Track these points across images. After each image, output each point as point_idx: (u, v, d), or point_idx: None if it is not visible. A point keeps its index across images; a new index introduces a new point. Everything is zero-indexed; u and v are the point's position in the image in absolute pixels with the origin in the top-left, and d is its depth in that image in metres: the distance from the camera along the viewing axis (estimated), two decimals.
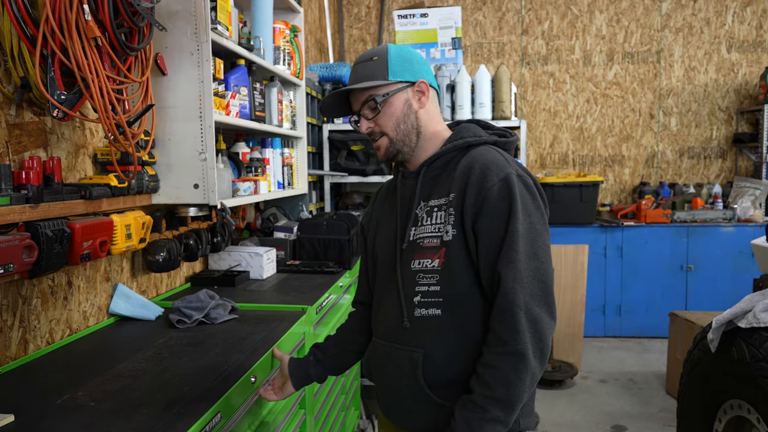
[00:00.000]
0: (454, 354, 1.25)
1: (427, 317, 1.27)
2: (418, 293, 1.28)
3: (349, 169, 3.57)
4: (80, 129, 1.77)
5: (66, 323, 1.71)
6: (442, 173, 1.32)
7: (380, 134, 1.34)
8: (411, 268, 1.29)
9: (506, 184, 1.22)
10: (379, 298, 1.41)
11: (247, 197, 2.36)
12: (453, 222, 1.24)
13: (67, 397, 1.30)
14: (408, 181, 1.38)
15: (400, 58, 1.34)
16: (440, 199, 1.29)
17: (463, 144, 1.32)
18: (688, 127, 5.44)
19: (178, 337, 1.75)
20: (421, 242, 1.29)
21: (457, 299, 1.25)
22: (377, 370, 1.38)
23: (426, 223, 1.29)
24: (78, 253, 1.58)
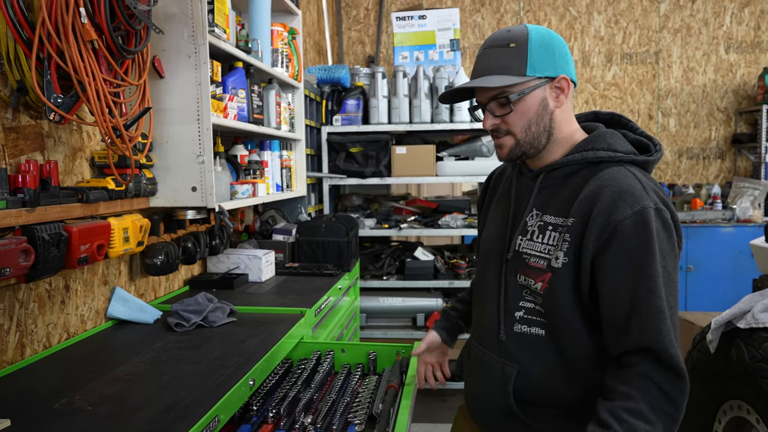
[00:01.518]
0: (549, 378, 1.19)
1: (527, 335, 1.20)
2: (522, 308, 1.21)
3: (347, 171, 3.57)
4: (77, 132, 1.77)
5: (63, 327, 1.71)
6: (564, 184, 1.20)
7: (506, 132, 1.21)
8: (517, 282, 1.22)
9: (641, 218, 1.06)
10: (478, 294, 1.37)
11: (245, 200, 2.36)
12: (566, 249, 1.13)
13: (64, 402, 1.29)
14: (524, 181, 1.28)
15: (541, 48, 1.15)
16: (557, 217, 1.17)
17: (593, 158, 1.17)
18: (686, 128, 5.44)
19: (176, 340, 1.74)
20: (528, 259, 1.20)
21: (560, 325, 1.16)
22: (469, 372, 1.37)
23: (536, 239, 1.19)
24: (75, 257, 1.57)
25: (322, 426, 1.45)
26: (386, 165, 3.53)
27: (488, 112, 1.21)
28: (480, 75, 1.19)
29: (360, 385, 1.72)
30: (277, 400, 1.56)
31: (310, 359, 1.82)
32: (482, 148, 3.51)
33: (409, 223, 3.57)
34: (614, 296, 1.08)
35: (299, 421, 1.46)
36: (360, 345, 1.90)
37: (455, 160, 3.59)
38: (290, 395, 1.56)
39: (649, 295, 1.05)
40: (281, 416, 1.48)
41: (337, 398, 1.62)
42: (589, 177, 1.16)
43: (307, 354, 1.90)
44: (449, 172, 3.52)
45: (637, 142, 1.23)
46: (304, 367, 1.77)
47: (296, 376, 1.72)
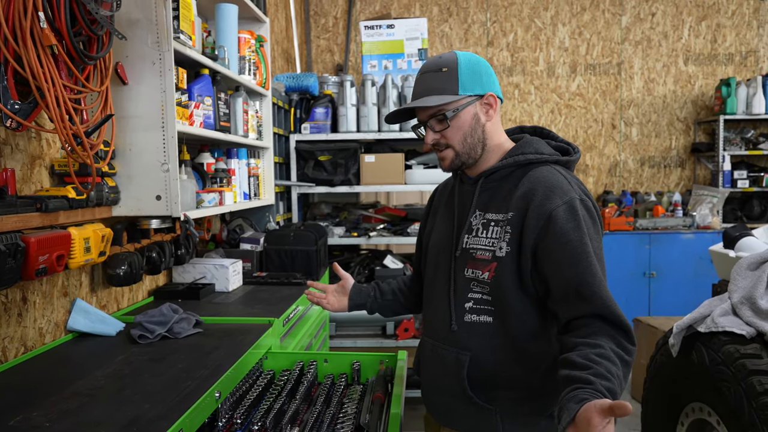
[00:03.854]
0: (499, 359, 1.31)
1: (477, 323, 1.33)
2: (470, 299, 1.34)
3: (316, 180, 3.56)
4: (36, 139, 1.72)
5: (20, 341, 1.65)
6: (500, 186, 1.35)
7: (446, 146, 1.36)
8: (465, 275, 1.35)
9: (570, 207, 1.24)
10: (429, 295, 1.48)
11: (211, 208, 2.32)
12: (508, 240, 1.28)
13: (20, 418, 1.24)
14: (466, 188, 1.43)
15: (469, 71, 1.33)
16: (498, 214, 1.32)
17: (523, 161, 1.34)
18: (648, 137, 5.59)
19: (140, 352, 1.70)
20: (474, 253, 1.33)
21: (506, 309, 1.30)
22: (425, 367, 1.46)
23: (481, 234, 1.34)
24: (33, 268, 1.52)
25: None
26: (355, 173, 3.53)
27: (429, 129, 1.36)
28: (419, 97, 1.35)
29: (345, 395, 1.70)
30: (262, 412, 1.54)
31: (293, 370, 1.79)
32: None
33: (378, 231, 3.57)
34: (558, 274, 1.23)
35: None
36: (343, 355, 1.88)
37: (424, 168, 3.62)
38: (275, 407, 1.54)
39: (589, 269, 1.21)
40: (267, 428, 1.46)
41: (323, 409, 1.60)
42: (522, 177, 1.32)
43: (289, 365, 1.88)
44: (418, 180, 3.53)
45: (559, 147, 1.41)
46: (287, 378, 1.75)
47: (279, 387, 1.70)
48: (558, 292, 1.25)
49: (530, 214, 1.26)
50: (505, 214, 1.31)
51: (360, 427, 1.52)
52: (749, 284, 1.89)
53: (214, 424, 1.51)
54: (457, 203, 1.43)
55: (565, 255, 1.22)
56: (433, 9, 5.53)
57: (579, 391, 1.04)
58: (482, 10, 5.52)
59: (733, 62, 5.47)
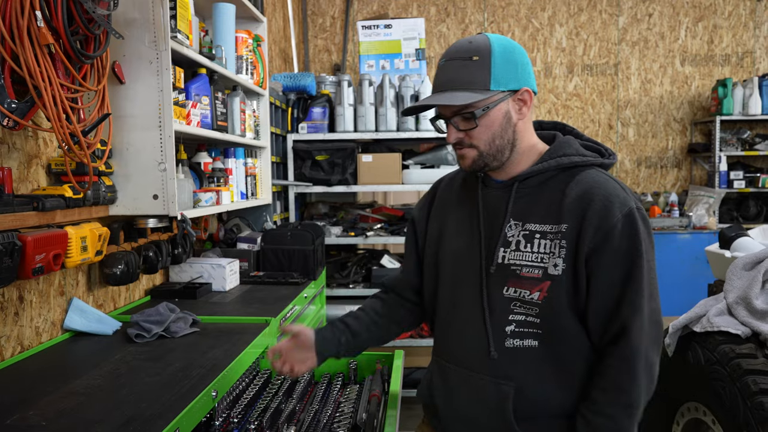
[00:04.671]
0: (548, 389, 1.17)
1: (521, 349, 1.17)
2: (512, 322, 1.17)
3: (313, 179, 3.56)
4: (33, 138, 1.71)
5: (17, 340, 1.65)
6: (540, 192, 1.19)
7: (469, 145, 1.19)
8: (504, 295, 1.18)
9: (630, 221, 1.11)
10: (450, 317, 1.28)
11: (208, 208, 2.32)
12: (564, 256, 1.12)
13: (16, 417, 1.24)
14: (493, 192, 1.24)
15: (504, 61, 1.15)
16: (545, 225, 1.16)
17: (568, 163, 1.18)
18: (645, 138, 5.61)
19: (137, 352, 1.70)
20: (518, 270, 1.16)
21: (557, 334, 1.15)
22: (447, 398, 1.27)
23: (524, 248, 1.16)
24: (30, 267, 1.52)
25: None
26: (352, 173, 3.53)
27: (452, 126, 1.19)
28: (443, 88, 1.17)
29: (342, 394, 1.71)
30: (258, 411, 1.54)
31: None
32: (448, 156, 3.54)
33: (376, 230, 3.57)
34: (604, 293, 1.13)
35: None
36: None
37: (421, 168, 3.62)
38: (272, 406, 1.55)
39: (635, 295, 1.11)
40: (264, 428, 1.46)
41: (320, 408, 1.61)
42: (567, 182, 1.17)
43: None
44: (415, 180, 3.54)
45: (589, 147, 1.26)
46: (284, 377, 1.75)
47: (276, 386, 1.70)
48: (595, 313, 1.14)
49: (587, 226, 1.11)
50: (556, 226, 1.14)
51: (357, 426, 1.52)
52: (744, 284, 1.90)
53: (211, 423, 1.51)
54: (483, 209, 1.24)
55: (615, 276, 1.11)
56: (431, 9, 5.53)
57: None
58: (479, 10, 5.53)
59: (730, 63, 5.49)
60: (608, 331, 1.14)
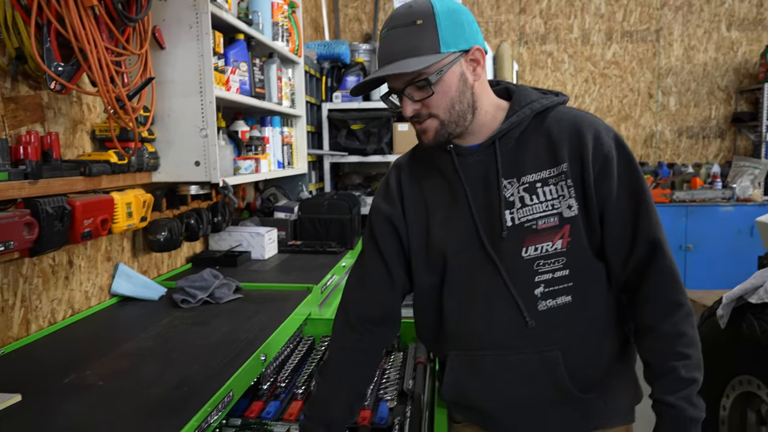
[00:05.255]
0: (593, 339, 1.14)
1: (555, 308, 1.11)
2: (539, 284, 1.11)
3: (348, 149, 3.52)
4: (77, 104, 1.71)
5: (68, 303, 1.67)
6: (523, 143, 1.13)
7: (428, 116, 1.10)
8: (523, 258, 1.11)
9: (619, 143, 1.11)
10: (467, 304, 1.16)
11: (248, 176, 2.31)
12: (575, 194, 1.09)
13: (73, 377, 1.26)
14: (471, 159, 1.15)
15: (449, 21, 1.07)
16: (542, 171, 1.11)
17: (540, 108, 1.13)
18: (686, 107, 5.41)
19: (183, 316, 1.71)
20: (533, 224, 1.10)
21: (587, 279, 1.12)
22: (486, 389, 1.16)
23: (530, 202, 1.11)
24: (79, 231, 1.53)
25: None
26: (388, 142, 3.49)
27: (406, 98, 1.09)
28: (391, 59, 1.07)
29: (385, 362, 1.70)
30: (305, 377, 1.54)
31: None
32: None
33: None
34: (621, 218, 1.10)
35: None
36: None
37: None
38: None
39: (649, 211, 1.11)
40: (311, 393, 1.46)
41: None
42: (545, 125, 1.14)
43: (328, 331, 1.88)
44: None
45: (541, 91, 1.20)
46: (328, 344, 1.75)
47: (320, 353, 1.70)
48: (614, 244, 1.11)
49: (586, 157, 1.09)
50: (555, 168, 1.10)
51: (403, 392, 1.51)
52: None
53: (258, 387, 1.52)
54: (468, 181, 1.14)
55: (624, 198, 1.10)
56: None
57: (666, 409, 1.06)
58: None
59: None
60: (636, 253, 1.11)
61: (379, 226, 1.23)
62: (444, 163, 1.17)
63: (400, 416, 1.41)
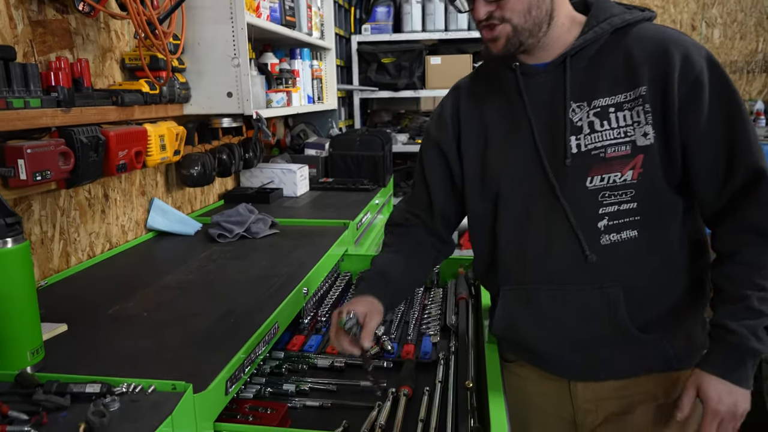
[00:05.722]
0: (658, 280, 1.06)
1: (619, 243, 1.03)
2: (603, 216, 1.02)
3: (379, 84, 3.40)
4: (105, 31, 1.64)
5: (105, 237, 1.66)
6: (598, 62, 1.03)
7: (501, 20, 1.00)
8: (587, 187, 1.02)
9: (713, 63, 0.98)
10: (523, 236, 1.09)
11: (280, 109, 2.24)
12: (653, 121, 0.98)
13: (117, 308, 1.25)
14: (537, 79, 1.06)
15: None
16: (616, 96, 1.00)
17: (621, 23, 1.02)
18: (732, 39, 5.11)
19: (221, 251, 1.69)
20: (601, 152, 1.01)
21: (658, 215, 1.02)
22: (540, 325, 1.10)
23: (601, 128, 1.01)
24: (114, 163, 1.50)
25: (396, 336, 1.41)
26: (420, 76, 3.36)
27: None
28: None
29: (426, 298, 1.67)
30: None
31: None
32: None
33: None
34: (713, 146, 0.99)
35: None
36: None
37: None
38: None
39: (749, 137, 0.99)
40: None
41: (406, 310, 1.58)
42: (625, 43, 1.01)
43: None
44: None
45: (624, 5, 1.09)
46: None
47: None
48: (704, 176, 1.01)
49: (671, 81, 0.97)
50: (632, 92, 0.99)
51: (446, 327, 1.48)
52: None
53: (300, 321, 1.50)
54: (532, 103, 1.06)
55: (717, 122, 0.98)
56: None
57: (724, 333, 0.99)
58: None
59: None
60: (733, 184, 1.00)
61: (427, 152, 1.20)
62: (507, 84, 1.08)
63: (444, 351, 1.38)
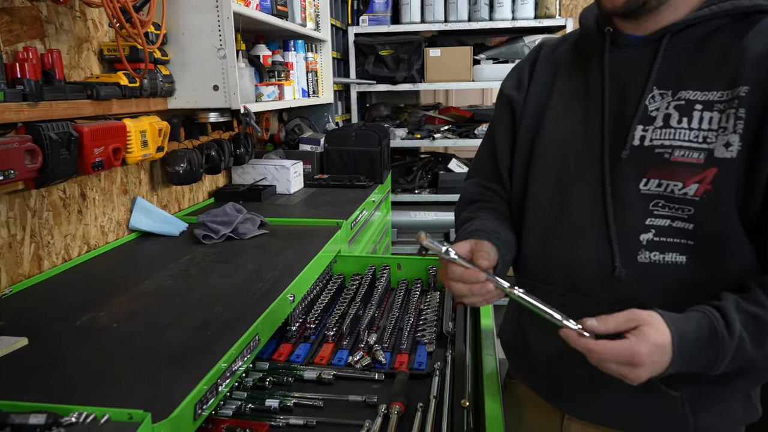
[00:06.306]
0: None
1: (660, 265, 0.85)
2: (649, 228, 0.85)
3: (377, 77, 3.30)
4: (81, 20, 1.54)
5: (83, 239, 1.57)
6: (702, 48, 0.85)
7: None
8: (640, 191, 0.86)
9: None
10: (553, 225, 0.96)
11: (271, 103, 2.15)
12: (741, 131, 0.79)
13: (86, 318, 1.16)
14: (628, 53, 0.91)
15: None
16: (710, 92, 0.83)
17: (750, 7, 0.83)
18: None
19: (206, 253, 1.60)
20: (666, 152, 0.84)
21: (717, 245, 0.82)
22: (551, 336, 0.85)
23: (677, 124, 0.84)
24: (89, 161, 1.40)
25: (389, 345, 1.32)
26: (419, 69, 3.25)
27: None
28: None
29: (421, 302, 1.58)
30: (336, 317, 1.43)
31: (366, 274, 1.67)
32: (524, 50, 3.20)
33: (443, 132, 3.34)
34: None
35: (363, 339, 1.33)
36: (418, 259, 1.74)
37: (493, 63, 3.30)
38: (350, 312, 1.44)
39: None
40: (343, 335, 1.36)
41: (400, 315, 1.49)
42: (744, 31, 0.83)
43: (359, 269, 1.76)
44: (487, 77, 3.24)
45: None
46: (360, 283, 1.63)
47: (351, 292, 1.59)
48: None
49: None
50: (729, 91, 0.81)
51: (442, 334, 1.39)
52: None
53: (287, 329, 1.41)
54: (610, 77, 0.91)
55: None
56: None
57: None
58: None
59: None
60: None
61: (498, 109, 1.08)
62: (594, 51, 0.94)
63: (440, 361, 1.29)
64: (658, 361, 0.76)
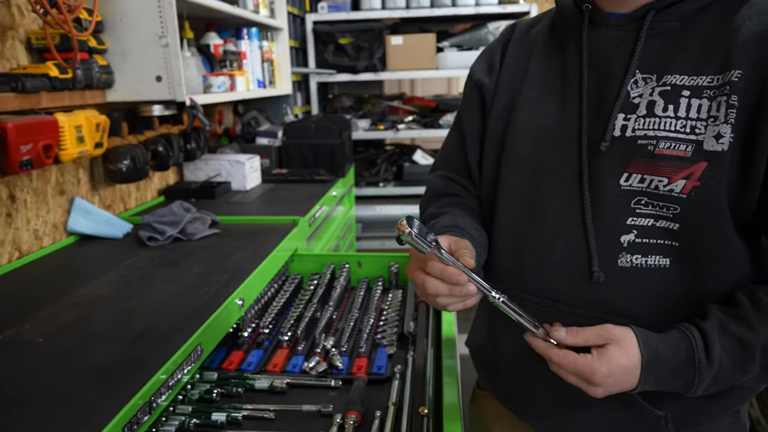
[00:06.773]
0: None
1: (642, 269, 0.77)
2: (631, 229, 0.77)
3: (337, 66, 3.20)
4: (4, 6, 1.41)
5: (13, 244, 1.44)
6: (689, 28, 0.77)
7: None
8: (621, 186, 0.77)
9: None
10: (516, 226, 0.88)
11: (221, 94, 2.04)
12: (734, 120, 0.70)
13: (9, 333, 1.05)
14: (608, 33, 0.82)
15: None
16: (698, 76, 0.75)
17: None
18: None
19: (149, 256, 1.49)
20: (650, 144, 0.75)
21: (706, 250, 0.75)
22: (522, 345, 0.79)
23: (662, 112, 0.75)
24: (16, 160, 1.29)
25: (347, 349, 1.25)
26: (380, 58, 3.17)
27: None
28: None
29: (383, 301, 1.50)
30: (292, 320, 1.35)
31: (324, 274, 1.59)
32: (488, 37, 3.14)
33: (407, 123, 3.26)
34: None
35: (320, 344, 1.25)
36: (379, 256, 1.67)
37: (457, 50, 3.23)
38: (306, 315, 1.35)
39: None
40: (299, 339, 1.27)
41: (360, 317, 1.41)
42: (735, 9, 0.75)
43: (318, 268, 1.67)
44: (451, 65, 3.17)
45: None
46: (318, 283, 1.55)
47: (309, 293, 1.50)
48: None
49: None
50: (720, 75, 0.73)
51: (403, 335, 1.32)
52: None
53: (238, 335, 1.32)
54: (589, 60, 0.82)
55: None
56: None
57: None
58: None
59: None
60: None
61: (467, 96, 0.99)
62: (571, 31, 0.85)
63: (401, 364, 1.22)
64: (619, 382, 0.72)
